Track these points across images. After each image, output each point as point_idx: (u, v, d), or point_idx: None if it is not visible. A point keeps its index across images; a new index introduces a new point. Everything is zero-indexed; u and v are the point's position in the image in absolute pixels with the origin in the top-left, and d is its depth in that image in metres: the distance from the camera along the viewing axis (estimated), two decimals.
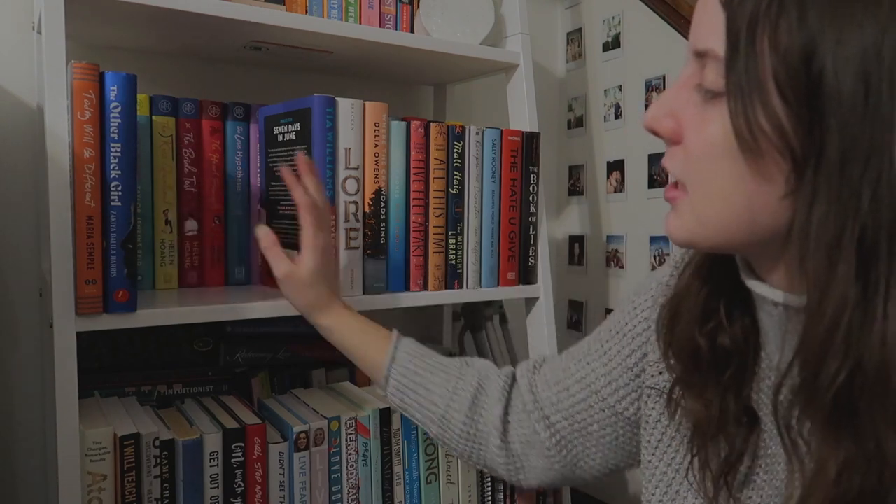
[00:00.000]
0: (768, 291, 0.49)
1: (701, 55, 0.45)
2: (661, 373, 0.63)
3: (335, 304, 0.83)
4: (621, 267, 1.42)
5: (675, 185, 0.50)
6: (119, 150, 0.76)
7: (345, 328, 0.82)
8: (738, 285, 0.53)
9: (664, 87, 1.29)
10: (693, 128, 0.46)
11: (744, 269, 0.52)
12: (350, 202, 0.93)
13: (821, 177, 0.40)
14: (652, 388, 0.64)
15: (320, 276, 0.81)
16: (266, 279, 1.01)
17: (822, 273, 0.40)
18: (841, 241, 0.39)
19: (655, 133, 0.49)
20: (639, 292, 0.69)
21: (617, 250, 1.43)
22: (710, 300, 0.55)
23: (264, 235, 0.82)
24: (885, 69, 0.38)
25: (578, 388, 0.71)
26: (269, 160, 0.98)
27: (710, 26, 0.44)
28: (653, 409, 0.64)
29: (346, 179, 0.93)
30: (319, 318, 0.83)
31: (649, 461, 0.63)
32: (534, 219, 1.11)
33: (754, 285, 0.50)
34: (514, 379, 0.79)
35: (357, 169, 0.93)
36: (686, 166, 0.47)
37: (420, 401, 0.79)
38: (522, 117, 1.15)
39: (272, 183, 0.97)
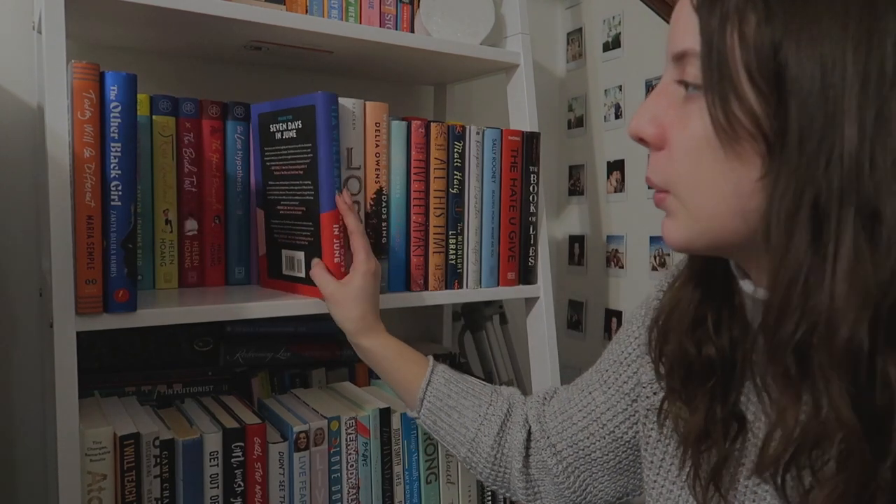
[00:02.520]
0: (748, 286, 0.52)
1: (680, 56, 0.48)
2: (654, 393, 0.65)
3: (378, 327, 0.86)
4: (621, 267, 1.42)
5: (661, 191, 0.52)
6: (119, 149, 0.76)
7: (386, 351, 0.85)
8: (727, 294, 0.55)
9: None
10: (676, 127, 0.49)
11: (737, 272, 0.54)
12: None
13: (784, 154, 0.43)
14: (648, 409, 0.66)
15: (366, 296, 0.85)
16: (265, 280, 1.01)
17: (782, 239, 0.43)
18: (799, 211, 0.43)
19: (640, 140, 0.51)
20: (631, 320, 0.72)
21: (617, 250, 1.43)
22: (699, 310, 0.57)
23: (317, 262, 0.88)
24: (838, 56, 0.42)
25: (580, 417, 0.74)
26: (266, 159, 0.97)
27: (687, 28, 0.47)
28: (651, 429, 0.65)
29: (347, 179, 0.93)
30: (362, 338, 0.85)
31: (654, 481, 0.64)
32: (534, 219, 1.11)
33: (745, 284, 0.52)
34: (543, 401, 0.81)
35: (359, 169, 0.93)
36: (670, 167, 0.50)
37: (452, 423, 0.82)
38: (522, 117, 1.15)
39: (270, 182, 0.97)
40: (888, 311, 0.41)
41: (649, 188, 0.51)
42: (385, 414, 0.93)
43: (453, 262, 1.04)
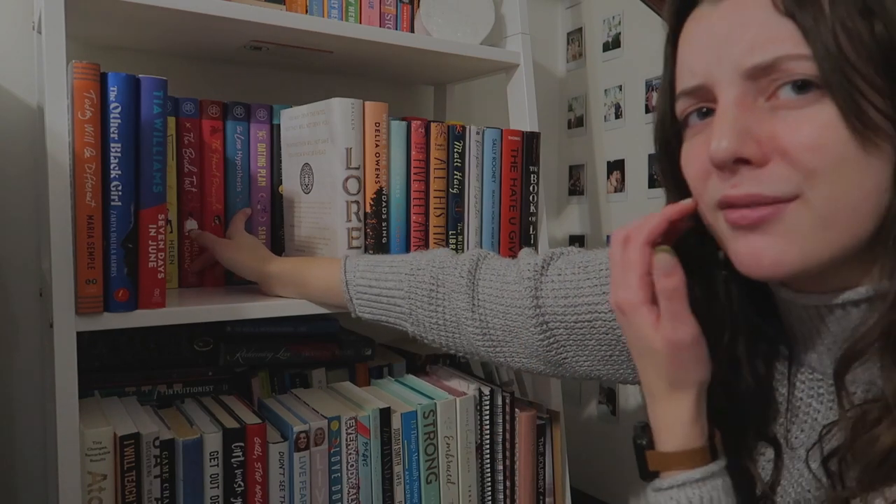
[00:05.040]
0: (849, 294, 0.49)
1: (766, 68, 0.46)
2: None
3: (274, 257, 0.95)
4: None
5: (758, 205, 0.47)
6: (119, 149, 0.76)
7: (296, 265, 0.92)
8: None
9: None
10: (786, 136, 0.45)
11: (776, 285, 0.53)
12: (351, 202, 0.93)
13: None
14: None
15: (251, 239, 0.96)
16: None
17: None
18: None
19: (740, 160, 0.47)
20: None
21: None
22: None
23: (197, 233, 0.98)
24: None
25: (587, 311, 0.70)
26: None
27: (765, 36, 0.45)
28: None
29: (347, 179, 0.93)
30: (269, 265, 0.92)
31: None
32: (534, 219, 1.11)
33: (796, 296, 0.52)
34: (477, 264, 0.79)
35: (358, 169, 0.93)
36: (795, 175, 0.46)
37: (385, 307, 0.85)
38: (522, 117, 1.15)
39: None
40: None
41: (754, 205, 0.45)
42: (385, 414, 0.93)
43: None
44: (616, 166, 1.42)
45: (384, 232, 0.97)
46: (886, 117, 0.43)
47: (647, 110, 1.34)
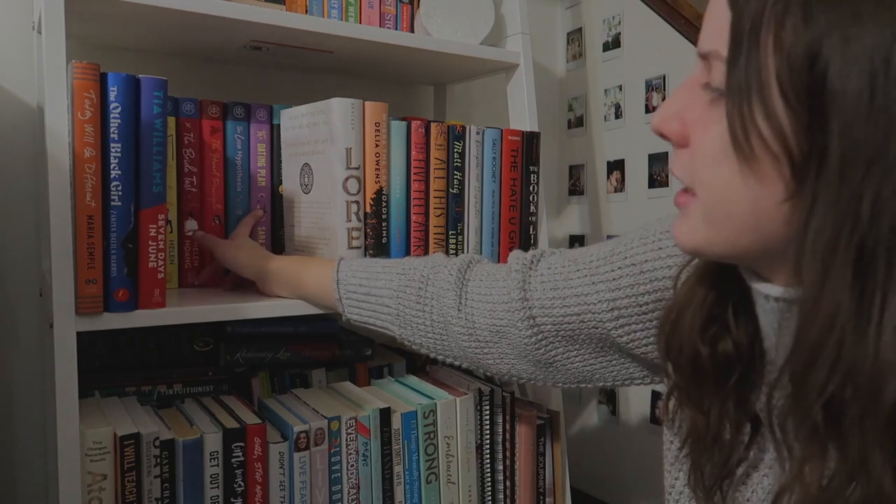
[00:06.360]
0: (765, 287, 0.48)
1: (705, 56, 0.45)
2: None
3: (274, 256, 0.96)
4: None
5: (685, 190, 0.48)
6: (119, 150, 0.76)
7: (292, 263, 0.92)
8: (741, 290, 0.52)
9: (664, 88, 1.29)
10: (698, 129, 0.46)
11: (747, 271, 0.51)
12: (351, 202, 0.93)
13: (821, 181, 0.39)
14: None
15: (251, 242, 0.98)
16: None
17: (817, 279, 0.39)
18: (837, 248, 0.38)
19: (662, 135, 0.48)
20: (663, 231, 0.65)
21: None
22: (715, 306, 0.53)
23: (201, 235, 0.99)
24: (892, 70, 0.36)
25: (576, 303, 0.69)
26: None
27: (717, 27, 0.43)
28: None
29: (347, 179, 0.93)
30: (267, 262, 0.93)
31: (669, 471, 0.63)
32: (534, 219, 1.11)
33: (762, 287, 0.49)
34: (469, 265, 0.80)
35: (358, 169, 0.93)
36: (692, 169, 0.46)
37: (373, 308, 0.84)
38: (522, 117, 1.15)
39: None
40: None
41: (666, 175, 0.49)
42: (385, 414, 0.93)
43: None
44: (616, 166, 1.42)
45: (384, 232, 0.97)
46: (780, 145, 0.40)
47: (648, 110, 1.34)
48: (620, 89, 1.40)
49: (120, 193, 0.77)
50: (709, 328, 0.53)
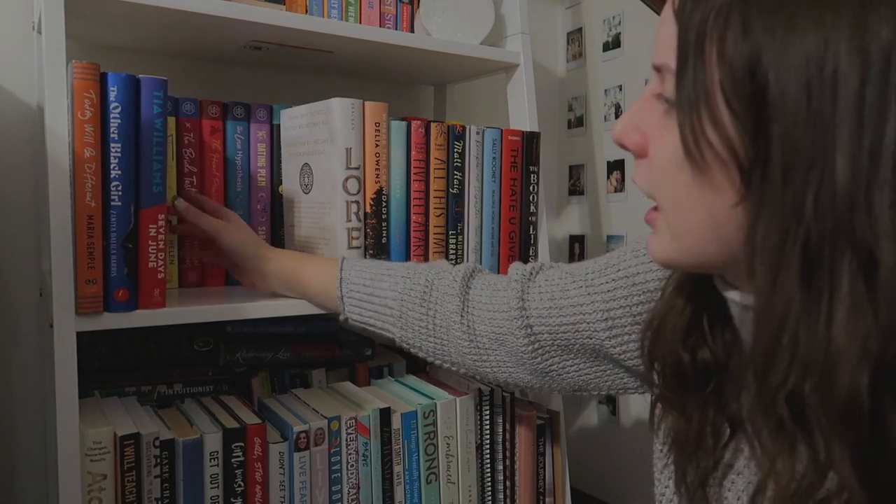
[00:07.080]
0: (733, 294, 0.49)
1: (658, 69, 0.46)
2: None
3: (270, 247, 0.93)
4: None
5: (655, 208, 0.50)
6: (119, 150, 0.76)
7: (294, 258, 0.91)
8: (720, 300, 0.53)
9: None
10: (656, 140, 0.47)
11: (719, 280, 0.52)
12: (351, 202, 0.93)
13: (765, 185, 0.40)
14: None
15: (246, 227, 0.94)
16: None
17: (767, 279, 0.40)
18: (784, 248, 0.39)
19: (623, 146, 0.50)
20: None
21: None
22: (694, 316, 0.55)
23: (185, 207, 0.92)
24: (827, 76, 0.37)
25: (571, 313, 0.71)
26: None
27: (666, 40, 0.44)
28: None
29: (347, 179, 0.93)
30: (267, 251, 0.91)
31: (659, 479, 0.63)
32: (534, 219, 1.11)
33: (732, 294, 0.50)
34: (472, 273, 0.81)
35: (358, 169, 0.93)
36: (651, 179, 0.48)
37: (375, 308, 0.84)
38: (522, 117, 1.15)
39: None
40: (891, 362, 0.38)
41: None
42: (385, 414, 0.93)
43: (453, 261, 1.04)
44: (616, 166, 1.42)
45: (384, 232, 0.97)
46: (729, 153, 0.41)
47: None
48: (620, 89, 1.40)
49: (120, 193, 0.77)
50: (689, 336, 0.55)
